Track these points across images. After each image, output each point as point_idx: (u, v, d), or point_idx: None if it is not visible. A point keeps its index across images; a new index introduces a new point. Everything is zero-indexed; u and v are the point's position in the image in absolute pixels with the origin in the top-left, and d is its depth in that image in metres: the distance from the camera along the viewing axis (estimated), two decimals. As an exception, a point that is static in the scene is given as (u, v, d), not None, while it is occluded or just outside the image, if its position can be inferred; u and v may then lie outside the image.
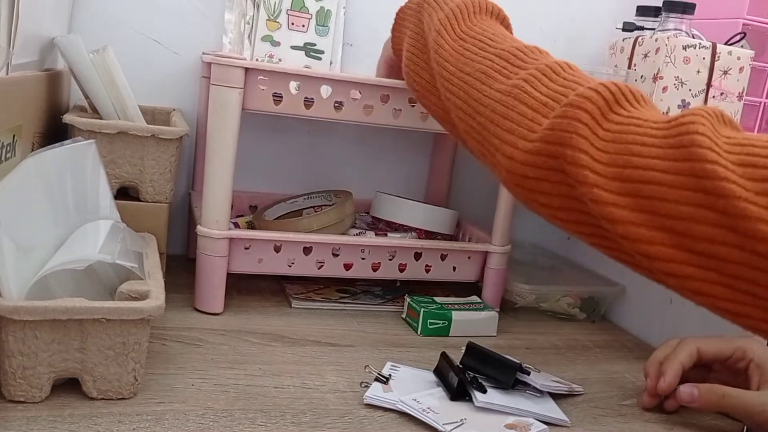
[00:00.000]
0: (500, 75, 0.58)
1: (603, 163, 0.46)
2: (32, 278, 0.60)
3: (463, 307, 0.92)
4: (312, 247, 0.90)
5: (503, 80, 0.58)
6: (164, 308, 0.62)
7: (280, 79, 0.83)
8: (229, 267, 0.86)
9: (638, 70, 1.13)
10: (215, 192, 0.83)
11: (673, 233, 0.42)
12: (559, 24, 1.23)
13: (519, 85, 0.56)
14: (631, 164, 0.45)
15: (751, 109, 1.21)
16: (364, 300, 0.97)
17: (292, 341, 0.81)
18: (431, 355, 0.82)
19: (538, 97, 0.53)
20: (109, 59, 0.84)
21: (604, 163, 0.46)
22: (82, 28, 0.99)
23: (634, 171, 0.45)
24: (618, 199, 0.45)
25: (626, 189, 0.45)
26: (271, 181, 1.13)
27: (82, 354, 0.60)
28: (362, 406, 0.68)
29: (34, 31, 0.80)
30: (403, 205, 1.00)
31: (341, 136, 1.14)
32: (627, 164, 0.45)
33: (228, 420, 0.62)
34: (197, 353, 0.74)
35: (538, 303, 1.02)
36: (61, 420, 0.57)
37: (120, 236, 0.70)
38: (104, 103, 0.85)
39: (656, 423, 0.73)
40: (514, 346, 0.90)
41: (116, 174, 0.84)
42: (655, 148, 0.44)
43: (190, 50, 1.05)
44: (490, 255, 0.98)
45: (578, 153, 0.48)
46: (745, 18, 1.15)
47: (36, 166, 0.67)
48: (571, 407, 0.74)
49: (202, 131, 1.02)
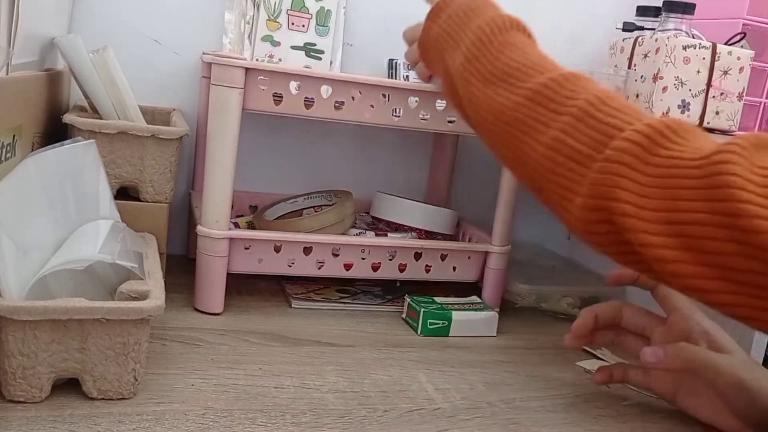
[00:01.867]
0: (539, 124, 0.59)
1: (648, 209, 0.50)
2: (32, 278, 0.60)
3: (463, 307, 0.92)
4: (312, 247, 0.90)
5: (543, 130, 0.58)
6: (164, 308, 0.62)
7: (280, 79, 0.83)
8: (229, 267, 0.86)
9: (638, 70, 1.13)
10: (215, 192, 0.83)
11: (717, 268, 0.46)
12: (559, 24, 1.23)
13: (559, 138, 0.57)
14: (676, 208, 0.48)
15: (751, 109, 1.21)
16: (364, 300, 0.97)
17: (292, 341, 0.81)
18: (432, 356, 0.83)
19: (581, 150, 0.55)
20: (109, 59, 0.84)
21: (649, 209, 0.49)
22: (82, 28, 0.99)
23: (678, 214, 0.48)
24: (665, 240, 0.48)
25: (671, 231, 0.48)
26: (271, 181, 1.13)
27: (82, 354, 0.60)
28: (362, 407, 0.68)
29: (35, 31, 0.80)
30: (403, 205, 1.00)
31: (341, 136, 1.14)
32: (672, 208, 0.48)
33: (228, 420, 0.62)
34: (197, 353, 0.74)
35: (538, 303, 1.02)
36: (61, 420, 0.57)
37: (120, 236, 0.70)
38: (104, 103, 0.85)
39: (656, 423, 0.73)
40: (514, 346, 0.90)
41: (116, 174, 0.84)
42: (694, 190, 0.47)
43: (190, 50, 1.05)
44: (490, 255, 0.98)
45: (623, 204, 0.51)
46: (745, 18, 1.15)
47: (36, 166, 0.67)
48: (570, 407, 0.74)
49: (202, 131, 1.02)
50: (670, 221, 0.48)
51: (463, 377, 0.78)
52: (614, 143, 0.53)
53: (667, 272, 0.49)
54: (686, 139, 0.52)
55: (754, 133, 0.48)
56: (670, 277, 0.49)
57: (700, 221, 0.47)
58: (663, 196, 0.49)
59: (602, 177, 0.53)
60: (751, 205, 0.44)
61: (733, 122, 1.13)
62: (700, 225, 0.47)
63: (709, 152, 0.48)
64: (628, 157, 0.52)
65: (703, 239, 0.47)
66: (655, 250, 0.49)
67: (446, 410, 0.69)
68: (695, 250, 0.47)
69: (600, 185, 0.53)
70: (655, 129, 0.52)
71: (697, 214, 0.47)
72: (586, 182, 0.54)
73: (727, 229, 0.45)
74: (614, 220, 0.52)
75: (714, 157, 0.47)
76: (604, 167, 0.53)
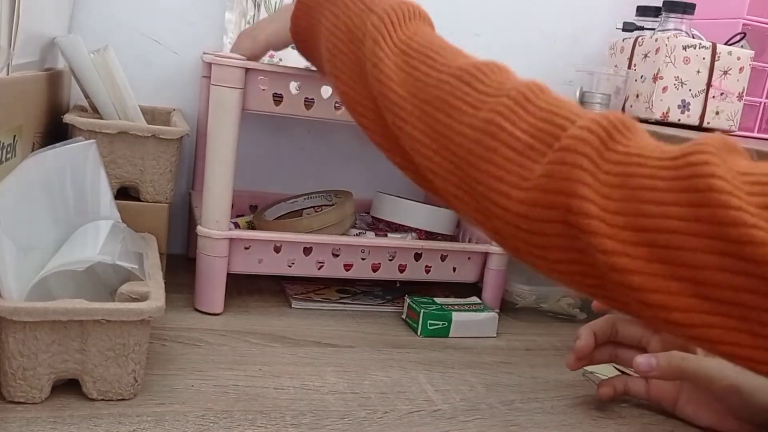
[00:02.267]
0: (466, 105, 0.53)
1: (611, 212, 0.43)
2: (32, 279, 0.60)
3: (463, 307, 0.92)
4: (312, 247, 0.90)
5: (472, 112, 0.52)
6: (164, 309, 0.62)
7: (280, 79, 0.83)
8: (229, 267, 0.86)
9: (638, 70, 1.13)
10: (215, 192, 0.83)
11: (692, 283, 0.40)
12: (559, 24, 1.23)
13: (493, 121, 0.50)
14: (642, 213, 0.42)
15: (751, 109, 1.21)
16: (364, 300, 0.97)
17: (292, 342, 0.81)
18: (432, 356, 0.83)
19: (519, 137, 0.49)
20: (109, 59, 0.84)
21: (612, 212, 0.43)
22: (83, 27, 0.99)
23: (646, 220, 0.41)
24: (630, 249, 0.42)
25: (640, 239, 0.42)
26: (271, 181, 1.13)
27: (82, 355, 0.60)
28: (362, 408, 0.68)
29: (35, 31, 0.80)
30: (404, 206, 1.00)
31: (341, 136, 1.14)
32: (638, 212, 0.42)
33: (228, 421, 0.62)
34: (197, 354, 0.74)
35: (538, 303, 1.02)
36: (61, 421, 0.57)
37: (120, 237, 0.70)
38: (105, 103, 0.85)
39: (655, 425, 0.73)
40: (514, 347, 0.90)
41: (116, 174, 0.84)
42: (667, 193, 0.41)
43: (191, 50, 1.05)
44: (490, 256, 0.98)
45: (585, 202, 0.43)
46: (745, 18, 1.15)
47: (36, 167, 0.67)
48: (570, 409, 0.74)
49: (202, 131, 1.02)
50: (637, 228, 0.42)
51: (463, 378, 0.78)
52: (571, 131, 0.46)
53: (629, 285, 0.42)
54: (637, 135, 0.46)
55: (717, 135, 0.42)
56: (632, 292, 0.42)
57: (675, 229, 0.40)
58: (624, 197, 0.43)
59: (561, 168, 0.45)
60: (743, 212, 0.38)
61: (733, 122, 1.14)
62: (673, 233, 0.40)
63: (680, 152, 0.42)
64: (588, 148, 0.45)
65: (679, 249, 0.40)
66: (618, 259, 0.42)
67: (446, 412, 0.69)
68: (667, 261, 0.41)
69: (557, 178, 0.45)
70: (610, 121, 0.46)
71: (671, 220, 0.40)
72: (534, 176, 0.47)
73: (711, 238, 0.39)
74: (571, 221, 0.45)
75: (690, 158, 0.41)
76: (563, 157, 0.45)
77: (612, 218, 0.43)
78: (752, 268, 0.38)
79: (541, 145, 0.48)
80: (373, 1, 0.64)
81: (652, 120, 1.10)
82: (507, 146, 0.49)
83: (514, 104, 0.50)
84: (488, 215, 0.50)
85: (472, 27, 1.17)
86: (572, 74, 1.15)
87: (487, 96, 0.52)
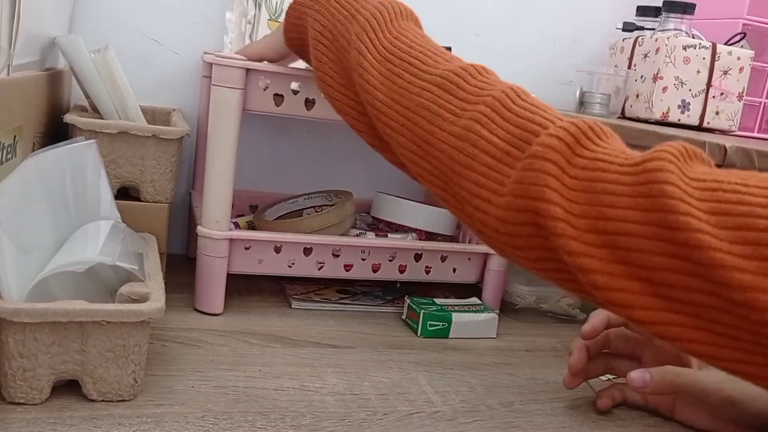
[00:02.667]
0: (447, 112, 0.55)
1: (576, 214, 0.45)
2: (32, 279, 0.60)
3: (463, 308, 0.92)
4: (312, 247, 0.90)
5: (452, 119, 0.54)
6: (164, 310, 0.62)
7: (281, 80, 0.83)
8: (229, 267, 0.86)
9: (638, 70, 1.13)
10: (215, 192, 0.83)
11: (649, 283, 0.42)
12: (559, 24, 1.23)
13: (472, 128, 0.52)
14: (604, 216, 0.44)
15: (751, 109, 1.21)
16: (364, 301, 0.97)
17: (292, 342, 0.81)
18: (431, 357, 0.83)
19: (497, 144, 0.51)
20: (110, 59, 0.84)
21: (576, 214, 0.45)
22: (83, 27, 0.99)
23: (607, 222, 0.44)
24: (593, 250, 0.44)
25: (601, 241, 0.44)
26: (271, 181, 1.13)
27: (82, 356, 0.60)
28: (362, 409, 0.68)
29: (35, 31, 0.80)
30: (404, 206, 1.00)
31: (341, 136, 1.14)
32: (600, 216, 0.44)
33: (228, 422, 0.62)
34: (197, 354, 0.74)
35: (538, 304, 1.02)
36: (61, 422, 0.57)
37: (120, 237, 0.70)
38: (105, 102, 0.85)
39: (655, 427, 0.73)
40: (514, 348, 0.90)
41: (117, 174, 0.84)
42: (626, 198, 0.43)
43: (191, 50, 1.05)
44: (490, 256, 0.98)
45: (552, 206, 0.46)
46: (745, 18, 1.15)
47: (37, 167, 0.67)
48: (570, 411, 0.74)
49: (202, 131, 1.02)
50: (599, 230, 0.44)
51: (462, 379, 0.78)
52: (540, 139, 0.48)
53: (594, 284, 0.44)
54: (608, 141, 0.48)
55: (678, 142, 0.44)
56: (597, 290, 0.44)
57: (632, 232, 0.42)
58: (588, 201, 0.45)
59: (530, 174, 0.47)
60: (691, 217, 0.39)
61: (733, 122, 1.14)
62: (631, 236, 0.42)
63: (641, 159, 0.44)
64: (556, 155, 0.47)
65: (636, 251, 0.42)
66: (582, 260, 0.44)
67: (446, 413, 0.69)
68: (626, 262, 0.42)
69: (527, 183, 0.47)
70: (579, 128, 0.48)
71: (629, 224, 0.42)
72: (509, 182, 0.49)
73: (663, 241, 0.41)
74: (540, 223, 0.47)
75: (648, 164, 0.43)
76: (532, 164, 0.48)
77: (576, 221, 0.45)
78: (700, 270, 0.39)
79: (517, 151, 0.50)
80: (358, 3, 0.65)
81: (652, 120, 1.10)
82: (486, 153, 0.51)
83: (491, 111, 0.52)
84: (473, 218, 0.52)
85: (472, 27, 1.17)
86: (572, 74, 1.15)
87: (466, 103, 0.54)
